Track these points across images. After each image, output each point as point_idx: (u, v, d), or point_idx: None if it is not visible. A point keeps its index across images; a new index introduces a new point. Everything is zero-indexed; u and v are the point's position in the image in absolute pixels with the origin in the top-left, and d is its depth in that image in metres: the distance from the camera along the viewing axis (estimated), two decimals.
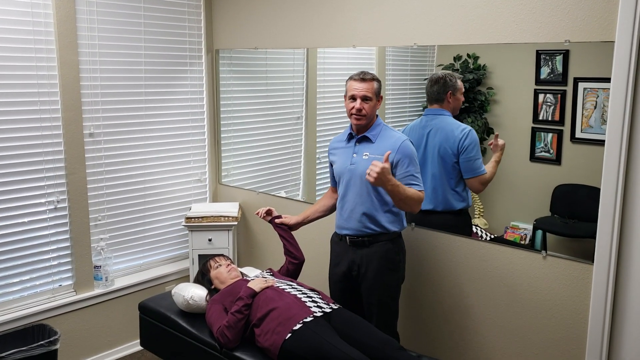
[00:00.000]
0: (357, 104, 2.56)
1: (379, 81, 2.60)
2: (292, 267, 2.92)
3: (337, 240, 2.74)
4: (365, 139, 2.63)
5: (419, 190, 2.52)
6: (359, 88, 2.55)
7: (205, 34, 3.81)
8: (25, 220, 3.07)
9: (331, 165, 2.81)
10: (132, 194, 3.55)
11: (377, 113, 2.66)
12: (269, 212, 3.00)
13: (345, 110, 2.64)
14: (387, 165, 2.36)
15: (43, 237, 3.15)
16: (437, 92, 2.76)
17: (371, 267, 2.60)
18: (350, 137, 2.69)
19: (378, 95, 2.60)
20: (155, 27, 3.53)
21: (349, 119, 2.65)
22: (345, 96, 2.65)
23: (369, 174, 2.36)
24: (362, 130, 2.64)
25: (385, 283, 2.62)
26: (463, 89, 2.73)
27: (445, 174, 2.76)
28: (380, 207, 2.59)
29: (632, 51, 2.18)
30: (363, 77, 2.56)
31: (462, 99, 2.74)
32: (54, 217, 3.17)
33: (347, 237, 2.66)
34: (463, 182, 2.75)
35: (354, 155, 2.64)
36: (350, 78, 2.61)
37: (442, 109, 2.77)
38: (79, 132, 3.19)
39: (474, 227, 2.78)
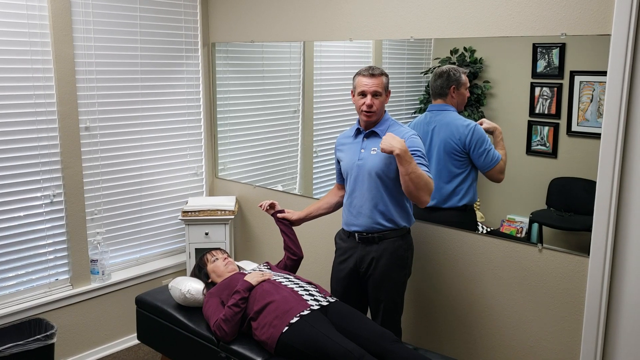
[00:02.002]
0: (368, 100, 2.51)
1: (387, 75, 2.57)
2: (291, 263, 2.92)
3: (345, 237, 2.69)
4: (374, 134, 2.59)
5: (430, 178, 2.45)
6: (369, 84, 2.51)
7: (202, 27, 3.79)
8: (21, 214, 3.07)
9: (338, 162, 2.76)
10: (128, 188, 3.55)
11: (385, 108, 2.62)
12: (272, 206, 2.98)
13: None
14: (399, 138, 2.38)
15: (39, 232, 3.14)
16: (441, 86, 2.72)
17: (380, 264, 2.57)
18: (357, 132, 2.65)
19: (387, 90, 2.57)
20: (151, 20, 3.51)
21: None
22: (352, 92, 2.61)
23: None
24: (370, 125, 2.60)
25: (393, 280, 2.59)
26: (468, 83, 2.68)
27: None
28: (390, 202, 2.55)
29: (628, 44, 2.18)
30: (372, 72, 2.52)
31: (467, 94, 2.69)
32: (50, 211, 3.17)
33: (356, 234, 2.62)
34: (470, 179, 2.71)
35: (362, 150, 2.60)
36: (359, 74, 2.56)
37: (445, 104, 2.73)
38: (74, 126, 3.18)
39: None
